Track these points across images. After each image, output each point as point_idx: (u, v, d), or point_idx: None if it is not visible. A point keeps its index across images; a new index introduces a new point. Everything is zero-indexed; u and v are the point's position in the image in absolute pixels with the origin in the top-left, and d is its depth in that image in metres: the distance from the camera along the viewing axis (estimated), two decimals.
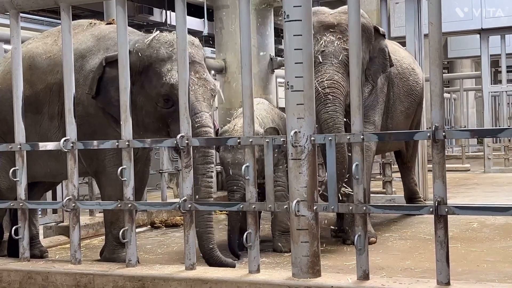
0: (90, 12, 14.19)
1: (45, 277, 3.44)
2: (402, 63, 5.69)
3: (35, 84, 4.10)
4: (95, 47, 4.06)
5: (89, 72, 3.99)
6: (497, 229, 5.24)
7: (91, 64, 4.01)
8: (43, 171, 4.23)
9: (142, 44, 3.89)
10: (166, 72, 3.81)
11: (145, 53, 3.86)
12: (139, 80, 3.86)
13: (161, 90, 3.80)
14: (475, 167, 12.01)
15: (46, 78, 4.10)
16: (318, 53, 4.64)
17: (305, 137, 2.93)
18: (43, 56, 4.17)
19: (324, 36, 4.73)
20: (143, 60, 3.86)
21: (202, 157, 3.76)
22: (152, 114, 3.89)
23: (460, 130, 3.34)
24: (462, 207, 2.81)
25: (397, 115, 5.59)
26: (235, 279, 3.03)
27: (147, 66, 3.86)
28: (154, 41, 3.89)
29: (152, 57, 3.84)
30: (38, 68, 4.14)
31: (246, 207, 3.13)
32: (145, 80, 3.88)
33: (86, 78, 3.99)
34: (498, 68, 18.39)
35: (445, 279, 2.70)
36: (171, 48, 3.84)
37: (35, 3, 3.71)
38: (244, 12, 3.11)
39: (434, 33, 2.74)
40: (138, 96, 3.86)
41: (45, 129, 4.11)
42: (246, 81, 3.12)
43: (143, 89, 3.88)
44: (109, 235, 4.09)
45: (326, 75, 4.64)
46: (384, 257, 4.33)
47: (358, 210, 2.87)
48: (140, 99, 3.87)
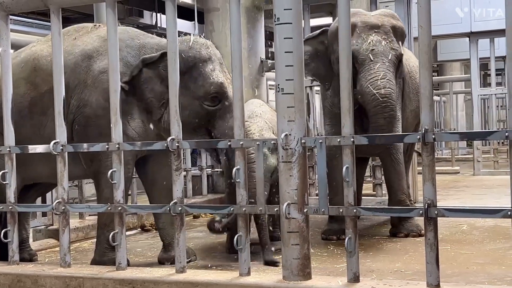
0: (80, 15, 14.15)
1: (35, 281, 3.42)
2: (409, 62, 5.61)
3: (40, 86, 4.11)
4: (102, 48, 4.10)
5: (99, 73, 4.05)
6: (486, 231, 5.26)
7: (100, 65, 4.06)
8: (48, 172, 4.20)
9: (183, 46, 4.07)
10: (210, 71, 4.06)
11: (189, 54, 4.07)
12: (182, 81, 3.98)
13: (210, 89, 4.03)
14: (465, 170, 12.06)
15: (51, 80, 4.09)
16: (367, 52, 4.70)
17: (296, 140, 2.93)
18: (48, 58, 4.17)
19: (370, 36, 4.77)
20: (187, 61, 4.05)
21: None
22: (196, 113, 4.08)
23: (450, 133, 3.36)
24: (452, 209, 2.82)
25: (407, 114, 5.53)
26: (226, 282, 3.02)
27: (191, 67, 4.06)
28: (195, 43, 4.11)
29: (196, 58, 4.08)
30: (43, 70, 4.15)
31: (237, 210, 3.13)
32: (189, 81, 4.07)
33: (95, 79, 4.04)
34: (488, 71, 18.52)
35: (435, 281, 2.71)
36: (209, 50, 4.12)
37: (25, 5, 3.70)
38: (234, 15, 3.12)
39: (424, 36, 2.76)
40: (180, 97, 3.95)
41: (50, 131, 4.07)
42: (237, 84, 3.13)
43: (188, 90, 4.05)
44: (101, 237, 4.09)
45: (379, 74, 4.66)
46: (374, 260, 4.34)
47: (348, 213, 2.87)
48: (183, 100, 3.94)
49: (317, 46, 5.17)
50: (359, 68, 4.74)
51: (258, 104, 5.06)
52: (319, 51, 5.16)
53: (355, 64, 4.69)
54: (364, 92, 4.68)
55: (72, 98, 4.05)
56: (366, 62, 4.71)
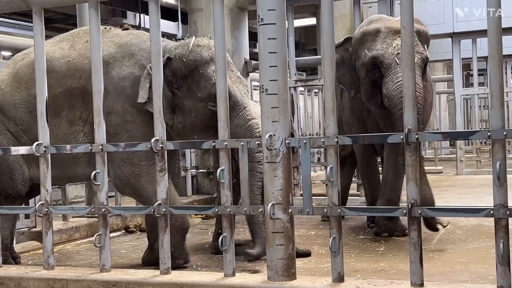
0: (63, 15, 14.08)
1: (18, 283, 3.39)
2: None
3: (53, 88, 4.08)
4: (118, 54, 4.18)
5: (120, 80, 4.11)
6: (469, 231, 5.30)
7: (120, 72, 4.13)
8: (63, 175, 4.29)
9: (184, 50, 4.14)
10: (212, 72, 4.07)
11: (190, 57, 4.12)
12: (184, 84, 4.12)
13: (213, 90, 3.98)
14: (448, 169, 12.14)
15: (66, 82, 4.18)
16: (393, 56, 4.75)
17: (280, 140, 2.93)
18: (62, 60, 4.24)
19: (395, 41, 4.80)
20: (188, 64, 4.11)
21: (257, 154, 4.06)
22: (202, 115, 4.12)
23: (433, 133, 3.38)
24: (435, 209, 2.85)
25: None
26: (211, 283, 3.02)
27: (192, 69, 4.12)
28: (195, 46, 4.14)
29: (197, 61, 4.12)
30: (57, 72, 4.18)
31: (221, 210, 3.12)
32: (192, 84, 4.13)
33: (116, 86, 4.11)
34: (470, 71, 18.60)
35: (419, 280, 2.72)
36: (211, 51, 4.11)
37: (7, 6, 3.67)
38: (218, 16, 3.11)
39: (407, 37, 2.77)
40: (186, 100, 4.09)
41: (63, 133, 4.16)
42: (221, 85, 3.12)
43: (191, 92, 4.11)
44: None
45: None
46: (358, 259, 4.35)
47: (332, 213, 2.88)
48: (188, 103, 4.11)
49: (343, 53, 5.23)
50: (385, 72, 4.80)
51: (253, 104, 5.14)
52: (345, 59, 5.23)
53: (381, 68, 4.80)
54: (391, 95, 4.72)
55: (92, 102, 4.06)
56: (393, 66, 4.75)
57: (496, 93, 2.59)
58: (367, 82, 5.01)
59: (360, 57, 5.01)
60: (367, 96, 5.12)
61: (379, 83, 4.83)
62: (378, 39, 4.86)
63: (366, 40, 4.97)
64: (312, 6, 13.31)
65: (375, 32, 4.92)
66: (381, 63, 4.78)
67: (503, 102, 2.59)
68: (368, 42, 4.94)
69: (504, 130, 2.57)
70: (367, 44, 4.94)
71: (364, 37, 5.00)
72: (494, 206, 2.59)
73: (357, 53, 5.08)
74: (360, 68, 5.05)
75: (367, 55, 4.91)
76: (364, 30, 5.04)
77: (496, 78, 2.60)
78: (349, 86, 5.26)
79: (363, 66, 4.97)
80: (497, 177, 2.56)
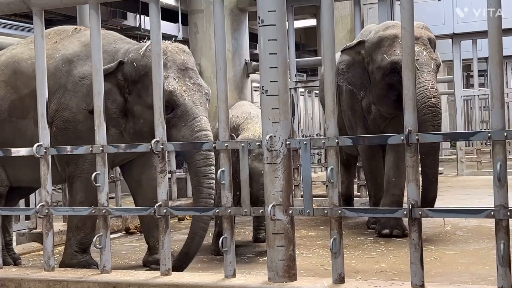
0: (63, 17, 14.08)
1: (18, 284, 3.39)
2: None
3: (20, 89, 4.08)
4: (82, 53, 4.07)
5: (80, 79, 4.02)
6: (470, 231, 5.30)
7: (81, 71, 4.04)
8: (31, 177, 4.15)
9: (136, 54, 3.98)
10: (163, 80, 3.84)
11: (140, 62, 3.95)
12: (135, 89, 3.95)
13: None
14: (448, 170, 12.13)
15: (32, 83, 4.00)
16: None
17: (280, 142, 2.93)
18: (29, 61, 4.15)
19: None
20: (138, 69, 3.94)
21: (204, 160, 3.84)
22: (150, 122, 3.86)
23: (433, 134, 3.37)
24: (436, 210, 2.84)
25: None
26: (211, 284, 3.02)
27: (143, 75, 3.93)
28: (148, 51, 3.92)
29: (148, 66, 3.86)
30: (24, 73, 4.13)
31: (222, 211, 3.12)
32: (142, 89, 3.95)
33: (76, 84, 4.02)
34: (470, 72, 18.65)
35: (420, 281, 2.72)
36: (165, 56, 3.89)
37: (7, 7, 3.67)
38: (218, 17, 3.11)
39: (407, 38, 2.77)
40: (136, 105, 3.95)
41: (31, 134, 4.05)
42: (221, 86, 3.12)
43: (140, 98, 3.95)
44: (72, 239, 4.11)
45: (428, 83, 4.86)
46: (359, 260, 4.35)
47: (333, 214, 2.88)
48: (138, 108, 3.94)
49: (354, 56, 5.41)
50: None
51: (249, 106, 5.13)
52: (356, 61, 5.40)
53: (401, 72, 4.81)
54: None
55: (51, 102, 4.00)
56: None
57: (496, 94, 2.59)
58: (382, 85, 5.15)
59: (375, 60, 5.17)
60: (379, 97, 5.25)
61: (396, 87, 4.93)
62: (396, 44, 5.00)
63: (383, 44, 5.13)
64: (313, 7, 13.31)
65: (392, 37, 5.09)
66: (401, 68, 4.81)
67: (503, 103, 2.59)
68: (385, 47, 5.11)
69: (505, 131, 2.57)
70: (384, 49, 5.11)
71: (381, 42, 5.16)
72: (494, 207, 2.59)
73: (372, 57, 5.24)
74: (376, 71, 5.19)
75: (385, 59, 5.07)
76: (381, 35, 5.19)
77: (496, 79, 2.60)
78: (359, 88, 5.39)
79: (379, 69, 5.12)
80: (497, 178, 2.56)
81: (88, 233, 4.07)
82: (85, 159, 3.96)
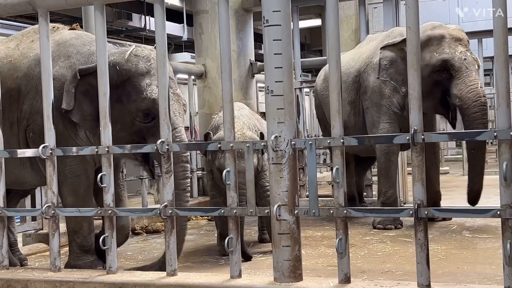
0: (69, 18, 14.10)
1: (25, 285, 3.40)
2: None
3: None
4: (55, 53, 3.91)
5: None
6: (476, 231, 5.29)
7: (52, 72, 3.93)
8: (9, 179, 4.06)
9: (120, 58, 3.86)
10: (145, 86, 3.80)
11: (124, 67, 3.83)
12: (115, 94, 3.75)
13: (142, 105, 3.79)
14: (454, 170, 12.11)
15: (6, 83, 3.97)
16: (462, 60, 5.24)
17: (286, 142, 2.93)
18: (4, 60, 4.09)
19: (458, 47, 5.34)
20: (121, 74, 3.82)
21: (182, 172, 3.77)
22: (128, 128, 3.85)
23: (439, 133, 3.37)
24: (442, 209, 2.84)
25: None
26: (217, 284, 3.02)
27: (125, 80, 3.83)
28: (132, 56, 3.86)
29: (131, 72, 3.81)
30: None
31: (227, 212, 3.12)
32: (123, 94, 3.84)
33: None
34: None
35: (426, 281, 2.71)
36: (149, 63, 3.83)
37: (13, 9, 3.68)
38: (223, 17, 3.12)
39: (412, 37, 2.77)
40: (113, 110, 3.69)
41: (7, 136, 3.95)
42: (226, 86, 3.12)
43: (120, 103, 3.83)
44: (73, 243, 4.11)
45: (478, 82, 5.19)
46: (365, 260, 4.34)
47: (338, 214, 2.88)
48: (116, 114, 3.71)
49: (397, 52, 5.58)
50: (455, 74, 5.27)
51: (237, 108, 5.12)
52: (398, 58, 5.57)
53: (451, 70, 5.27)
54: (465, 97, 5.18)
55: (24, 103, 3.96)
56: (463, 69, 5.23)
57: (502, 93, 2.59)
58: (428, 82, 5.27)
59: (423, 58, 5.25)
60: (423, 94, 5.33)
61: (443, 84, 5.28)
62: (444, 44, 5.32)
63: (432, 43, 5.39)
64: (318, 7, 13.31)
65: (440, 37, 5.37)
66: (451, 66, 5.24)
67: (509, 102, 2.58)
68: (434, 45, 5.37)
69: (511, 130, 2.56)
70: (432, 48, 5.37)
71: (430, 41, 5.39)
72: (501, 207, 2.58)
73: None
74: (423, 68, 5.20)
75: (434, 57, 5.33)
76: (430, 34, 5.42)
77: (502, 78, 2.59)
78: (401, 84, 5.52)
79: (427, 67, 5.31)
80: (503, 177, 2.55)
81: (86, 235, 4.06)
82: (65, 164, 3.89)
